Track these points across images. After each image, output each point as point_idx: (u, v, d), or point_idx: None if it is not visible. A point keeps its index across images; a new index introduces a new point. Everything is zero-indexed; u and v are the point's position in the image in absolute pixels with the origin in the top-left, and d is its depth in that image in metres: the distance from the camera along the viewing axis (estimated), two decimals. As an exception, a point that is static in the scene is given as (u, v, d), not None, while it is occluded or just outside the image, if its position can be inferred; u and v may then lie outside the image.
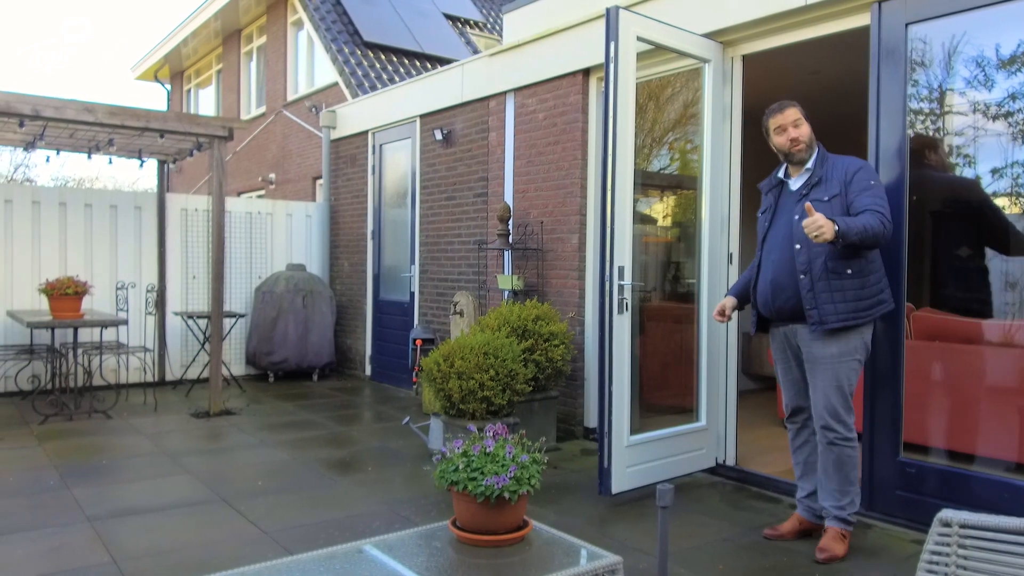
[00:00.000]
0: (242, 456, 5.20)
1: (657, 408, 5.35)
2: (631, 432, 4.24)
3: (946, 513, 1.95)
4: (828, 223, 3.12)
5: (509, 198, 6.37)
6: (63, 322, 6.07)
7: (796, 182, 3.57)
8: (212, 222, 6.60)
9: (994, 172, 3.80)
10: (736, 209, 4.75)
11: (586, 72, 5.70)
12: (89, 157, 7.42)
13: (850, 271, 3.35)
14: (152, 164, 8.19)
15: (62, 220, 7.53)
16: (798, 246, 3.41)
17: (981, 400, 3.94)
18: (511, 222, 6.20)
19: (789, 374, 3.67)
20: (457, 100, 7.04)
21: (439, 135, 7.20)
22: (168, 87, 16.67)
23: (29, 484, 4.40)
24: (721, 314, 3.87)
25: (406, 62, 10.91)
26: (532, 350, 5.18)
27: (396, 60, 10.85)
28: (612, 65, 4.09)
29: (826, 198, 3.41)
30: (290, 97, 11.75)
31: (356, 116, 8.77)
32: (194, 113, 15.56)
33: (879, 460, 3.87)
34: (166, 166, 8.28)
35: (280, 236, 8.82)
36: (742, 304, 3.89)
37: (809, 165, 3.53)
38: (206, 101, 15.64)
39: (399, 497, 4.27)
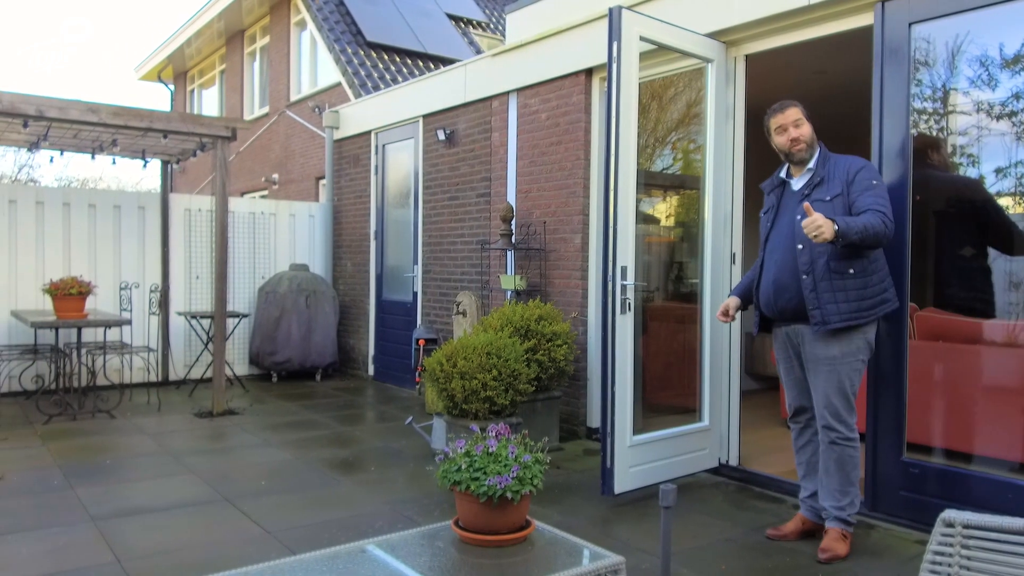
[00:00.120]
0: (245, 456, 5.21)
1: (660, 408, 5.35)
2: (634, 432, 4.24)
3: (949, 513, 1.94)
4: (827, 223, 3.11)
5: (512, 198, 6.37)
6: (67, 322, 6.09)
7: (798, 182, 3.57)
8: (216, 222, 6.61)
9: (998, 172, 3.80)
10: (739, 209, 4.74)
11: (589, 72, 5.70)
12: (93, 157, 7.44)
13: (852, 271, 3.35)
14: (156, 164, 8.21)
15: (66, 220, 7.55)
16: (800, 246, 3.41)
17: (985, 400, 3.93)
18: (514, 222, 6.21)
19: (792, 374, 3.66)
20: (460, 100, 7.04)
21: (442, 135, 7.20)
22: (172, 87, 16.70)
23: (33, 484, 4.41)
24: (725, 314, 3.87)
25: (409, 62, 10.92)
26: (535, 350, 5.19)
27: (399, 60, 10.86)
28: (615, 65, 4.09)
29: (828, 198, 3.40)
30: (293, 97, 11.76)
31: (359, 116, 8.78)
32: (197, 113, 15.58)
33: (882, 460, 3.86)
34: (169, 166, 8.30)
35: (283, 236, 8.84)
36: (745, 304, 3.88)
37: (811, 165, 3.53)
38: (209, 101, 15.67)
39: (402, 497, 4.28)
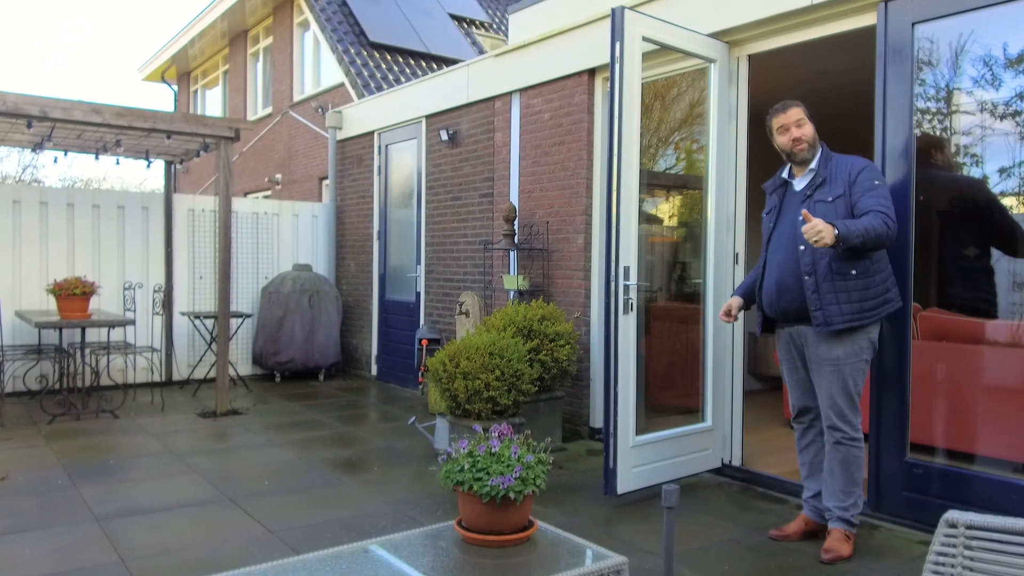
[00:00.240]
0: (249, 456, 5.22)
1: (663, 408, 5.35)
2: (637, 432, 4.24)
3: (952, 514, 1.94)
4: (827, 227, 3.11)
5: (515, 198, 6.37)
6: (71, 322, 6.10)
7: (800, 182, 3.57)
8: (219, 222, 6.62)
9: (1001, 172, 3.79)
10: (742, 209, 4.74)
11: (592, 72, 5.70)
12: (96, 158, 7.45)
13: (855, 271, 3.34)
14: (159, 165, 8.22)
15: (70, 221, 7.57)
16: (802, 247, 3.40)
17: (988, 401, 3.92)
18: (517, 222, 6.21)
19: (795, 374, 3.66)
20: (463, 100, 7.05)
21: (445, 135, 7.21)
22: (175, 88, 16.73)
23: (37, 483, 4.42)
24: (727, 315, 3.86)
25: (412, 62, 10.93)
26: (538, 350, 5.19)
27: (402, 60, 10.86)
28: (617, 65, 4.09)
29: (830, 199, 3.40)
30: (296, 98, 11.78)
31: (362, 116, 8.78)
32: (201, 114, 15.60)
33: (886, 461, 3.86)
34: (173, 167, 8.31)
35: (286, 236, 8.85)
36: (748, 304, 3.88)
37: (813, 165, 3.53)
38: (213, 102, 15.69)
39: (405, 497, 4.28)
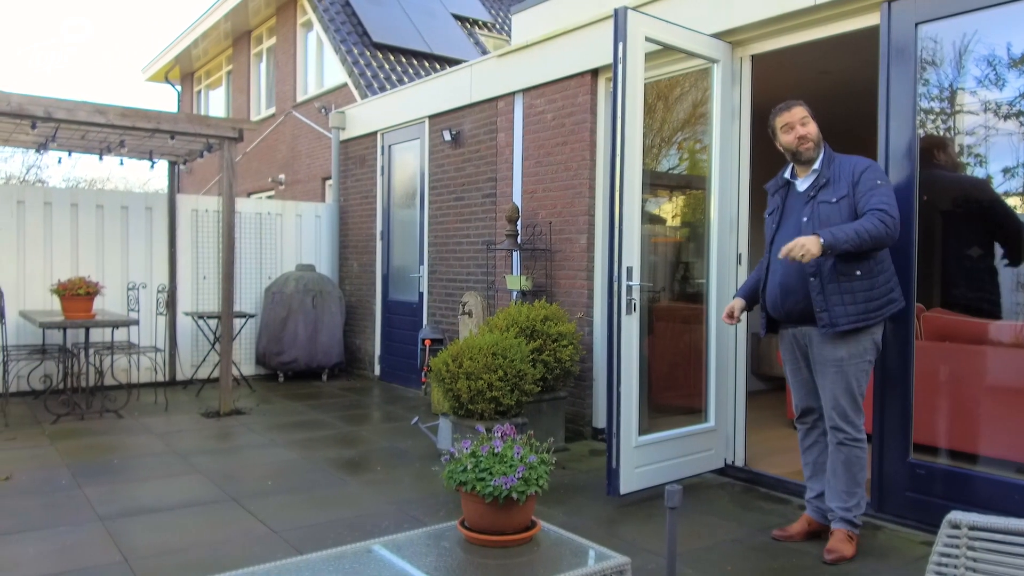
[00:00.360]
0: (252, 456, 5.22)
1: (666, 409, 5.34)
2: (640, 433, 4.24)
3: (955, 515, 1.94)
4: (811, 240, 3.16)
5: (518, 199, 6.37)
6: (75, 322, 6.12)
7: (803, 183, 3.56)
8: (222, 223, 6.64)
9: (1005, 172, 3.78)
10: (745, 209, 4.74)
11: (594, 72, 5.70)
12: (100, 158, 7.47)
13: (859, 272, 3.34)
14: (163, 165, 8.24)
15: (74, 221, 7.59)
16: (829, 257, 3.38)
17: (992, 401, 3.91)
18: (519, 223, 6.21)
19: (799, 375, 3.66)
20: (466, 101, 7.05)
21: (448, 136, 7.21)
22: (179, 88, 16.76)
23: (41, 483, 4.43)
24: (730, 316, 3.86)
25: (415, 63, 10.94)
26: (540, 350, 5.19)
27: (405, 61, 10.87)
28: (620, 66, 4.09)
29: (834, 199, 3.40)
30: (299, 98, 11.79)
31: (365, 117, 8.79)
32: (204, 114, 15.63)
33: (889, 461, 3.85)
34: (177, 167, 8.33)
35: (290, 236, 8.86)
36: (751, 305, 3.88)
37: (816, 166, 3.52)
38: (216, 102, 15.72)
39: (408, 497, 4.28)
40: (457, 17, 12.42)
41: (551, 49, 6.04)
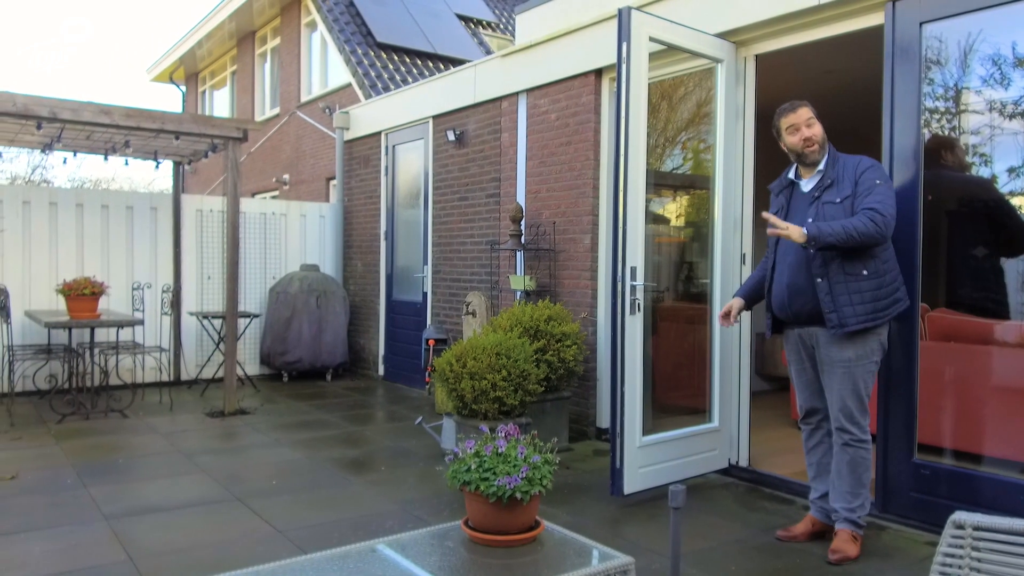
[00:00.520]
0: (256, 455, 5.24)
1: (670, 409, 5.34)
2: (643, 433, 4.24)
3: (960, 515, 1.94)
4: (795, 230, 3.25)
5: (521, 199, 6.38)
6: (80, 322, 6.14)
7: (808, 184, 3.56)
8: (227, 223, 6.65)
9: (1011, 171, 3.77)
10: (749, 209, 4.73)
11: (598, 72, 5.70)
12: (106, 159, 7.49)
13: (866, 272, 3.34)
14: (168, 165, 8.27)
15: (79, 221, 7.61)
16: (812, 249, 3.39)
17: (997, 402, 3.91)
18: (523, 223, 6.21)
19: (803, 375, 3.65)
20: (470, 101, 7.05)
21: (452, 136, 7.22)
22: (183, 89, 16.79)
23: (47, 482, 4.45)
24: (725, 316, 3.83)
25: (419, 63, 10.94)
26: (544, 350, 5.19)
27: (409, 61, 10.88)
28: (624, 66, 4.08)
29: (838, 200, 3.40)
30: (304, 98, 11.81)
31: (369, 117, 8.80)
32: (209, 115, 15.67)
33: (893, 462, 3.85)
34: (181, 167, 8.35)
35: (294, 237, 8.88)
36: (750, 305, 3.87)
37: (821, 166, 3.52)
38: (220, 103, 15.75)
39: (412, 497, 4.29)
40: (461, 17, 12.43)
41: (555, 49, 6.04)
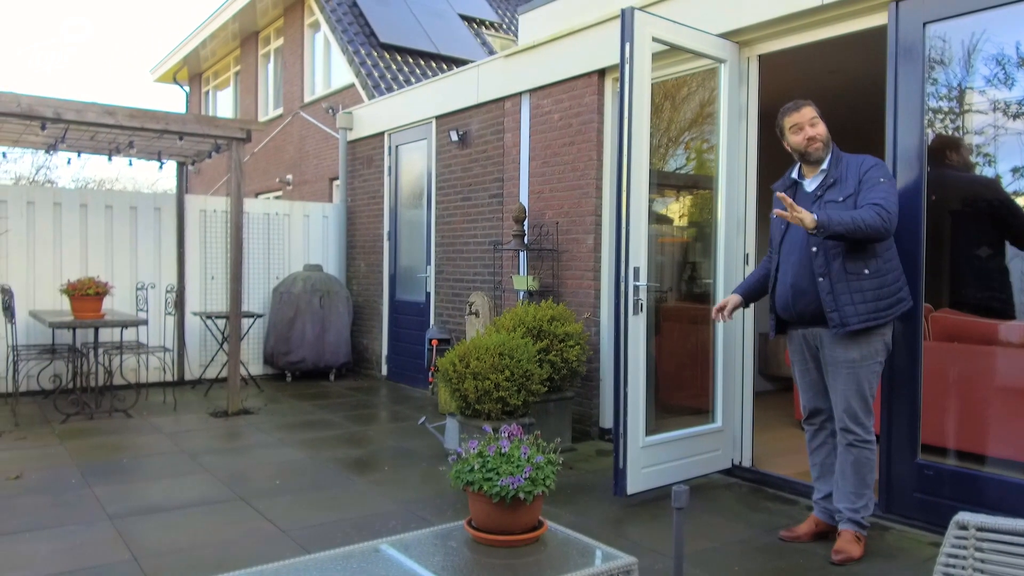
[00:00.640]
0: (260, 455, 5.25)
1: (673, 409, 5.34)
2: (646, 433, 4.24)
3: (963, 516, 1.94)
4: (807, 216, 3.20)
5: (524, 199, 6.38)
6: (84, 322, 6.15)
7: (811, 183, 3.55)
8: (230, 223, 6.66)
9: (1015, 171, 3.77)
10: (752, 209, 4.73)
11: (601, 73, 5.70)
12: (109, 159, 7.51)
13: (867, 271, 3.34)
14: (171, 166, 8.28)
15: (83, 221, 7.63)
16: (815, 248, 3.39)
17: (1000, 402, 3.90)
18: (526, 223, 6.21)
19: (807, 376, 3.65)
20: (473, 101, 7.06)
21: (455, 136, 7.22)
22: (187, 89, 16.83)
23: (51, 482, 4.46)
24: (720, 310, 3.82)
25: (422, 63, 10.95)
26: (547, 351, 5.19)
27: (412, 61, 10.89)
28: (627, 66, 4.09)
29: (841, 198, 3.39)
30: (307, 99, 11.82)
31: (372, 117, 8.81)
32: (212, 115, 15.69)
33: (897, 462, 3.84)
34: (185, 168, 8.37)
35: (297, 237, 8.89)
36: (748, 303, 3.86)
37: (824, 166, 3.51)
38: (224, 103, 15.77)
39: (415, 497, 4.30)
40: (464, 17, 12.44)
41: (558, 49, 6.04)
